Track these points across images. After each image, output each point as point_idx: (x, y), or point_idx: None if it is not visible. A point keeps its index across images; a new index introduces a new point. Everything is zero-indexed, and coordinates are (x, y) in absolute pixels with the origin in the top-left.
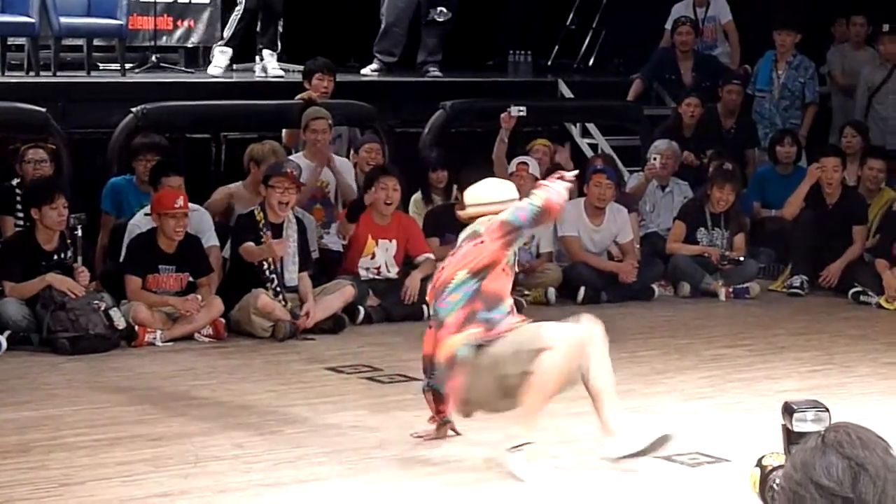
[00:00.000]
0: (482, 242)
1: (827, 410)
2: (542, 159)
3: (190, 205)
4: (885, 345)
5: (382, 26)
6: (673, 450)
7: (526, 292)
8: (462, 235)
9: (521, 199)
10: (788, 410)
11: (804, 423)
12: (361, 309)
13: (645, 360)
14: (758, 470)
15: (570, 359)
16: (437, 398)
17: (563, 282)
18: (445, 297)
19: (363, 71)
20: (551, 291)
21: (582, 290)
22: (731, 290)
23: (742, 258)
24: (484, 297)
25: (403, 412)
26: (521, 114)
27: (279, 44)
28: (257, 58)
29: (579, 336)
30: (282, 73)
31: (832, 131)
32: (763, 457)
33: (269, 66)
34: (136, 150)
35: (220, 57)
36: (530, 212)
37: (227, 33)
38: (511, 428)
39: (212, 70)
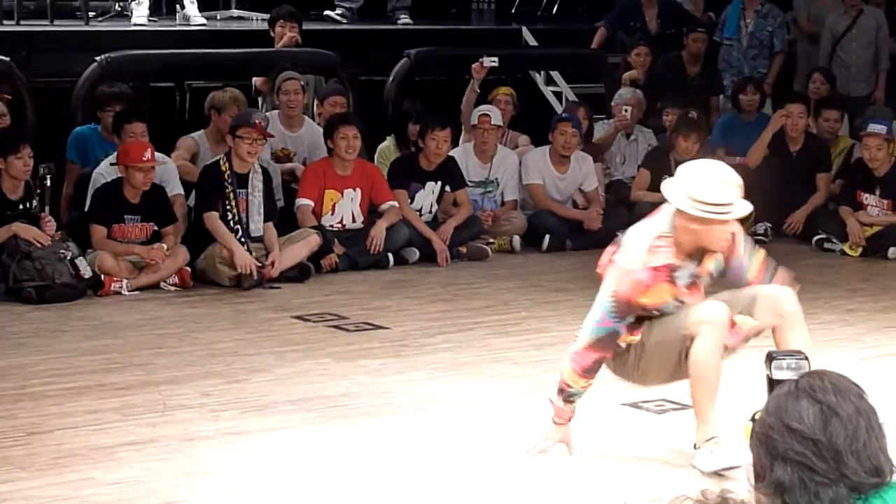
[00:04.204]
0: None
1: (806, 359)
2: (504, 108)
3: (156, 155)
4: (848, 291)
5: None
6: (639, 396)
7: (491, 240)
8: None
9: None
10: (769, 359)
11: (782, 371)
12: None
13: None
14: (751, 424)
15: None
16: None
17: (527, 230)
18: None
19: (327, 13)
20: (516, 239)
21: (547, 238)
22: None
23: None
24: None
25: (369, 360)
26: (494, 64)
27: None
28: (177, 6)
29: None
30: (204, 20)
31: (797, 78)
32: (756, 412)
33: (190, 13)
34: (100, 100)
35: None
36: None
37: None
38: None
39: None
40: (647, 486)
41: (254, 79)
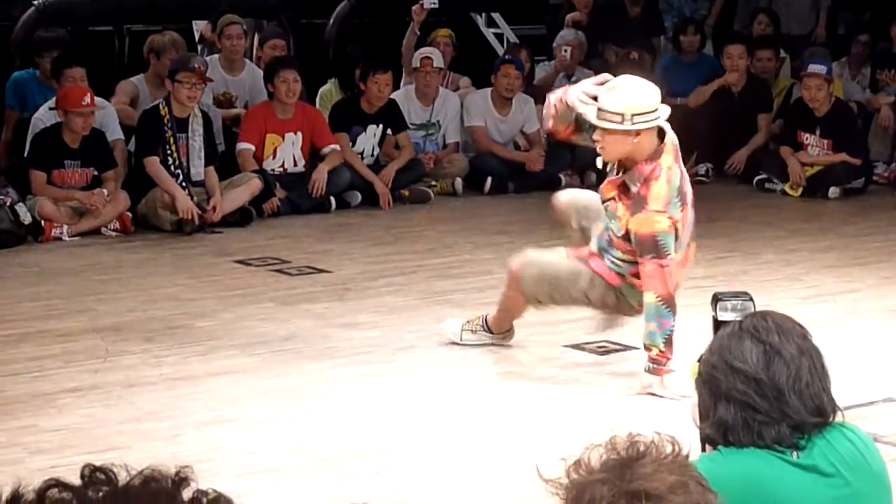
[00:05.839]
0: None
1: (751, 300)
2: (444, 50)
3: (96, 99)
4: (789, 231)
5: None
6: (582, 338)
7: (433, 183)
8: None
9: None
10: (714, 300)
11: (726, 312)
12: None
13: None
14: (697, 364)
15: None
16: None
17: (469, 172)
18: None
19: None
20: (458, 182)
21: (489, 180)
22: None
23: None
24: None
25: (312, 304)
26: (434, 6)
27: None
28: None
29: None
30: None
31: (737, 18)
32: (703, 353)
33: None
34: (38, 45)
35: None
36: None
37: None
38: None
39: None
40: (589, 428)
41: (196, 25)
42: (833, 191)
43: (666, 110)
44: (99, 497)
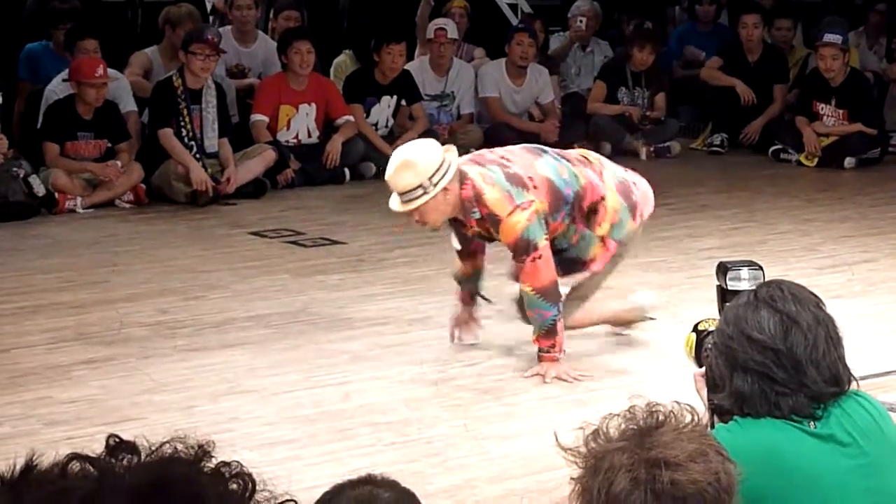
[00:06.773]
0: None
1: (761, 269)
2: (459, 21)
3: (109, 71)
4: (804, 201)
5: None
6: None
7: None
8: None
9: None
10: (723, 270)
11: (738, 282)
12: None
13: None
14: (693, 335)
15: None
16: None
17: (484, 143)
18: None
19: None
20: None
21: None
22: (652, 148)
23: (663, 117)
24: None
25: (327, 275)
26: None
27: None
28: None
29: None
30: None
31: None
32: (699, 322)
33: None
34: (51, 17)
35: None
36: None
37: None
38: None
39: None
40: (607, 397)
41: None
42: (848, 161)
43: (453, 152)
44: (123, 467)
